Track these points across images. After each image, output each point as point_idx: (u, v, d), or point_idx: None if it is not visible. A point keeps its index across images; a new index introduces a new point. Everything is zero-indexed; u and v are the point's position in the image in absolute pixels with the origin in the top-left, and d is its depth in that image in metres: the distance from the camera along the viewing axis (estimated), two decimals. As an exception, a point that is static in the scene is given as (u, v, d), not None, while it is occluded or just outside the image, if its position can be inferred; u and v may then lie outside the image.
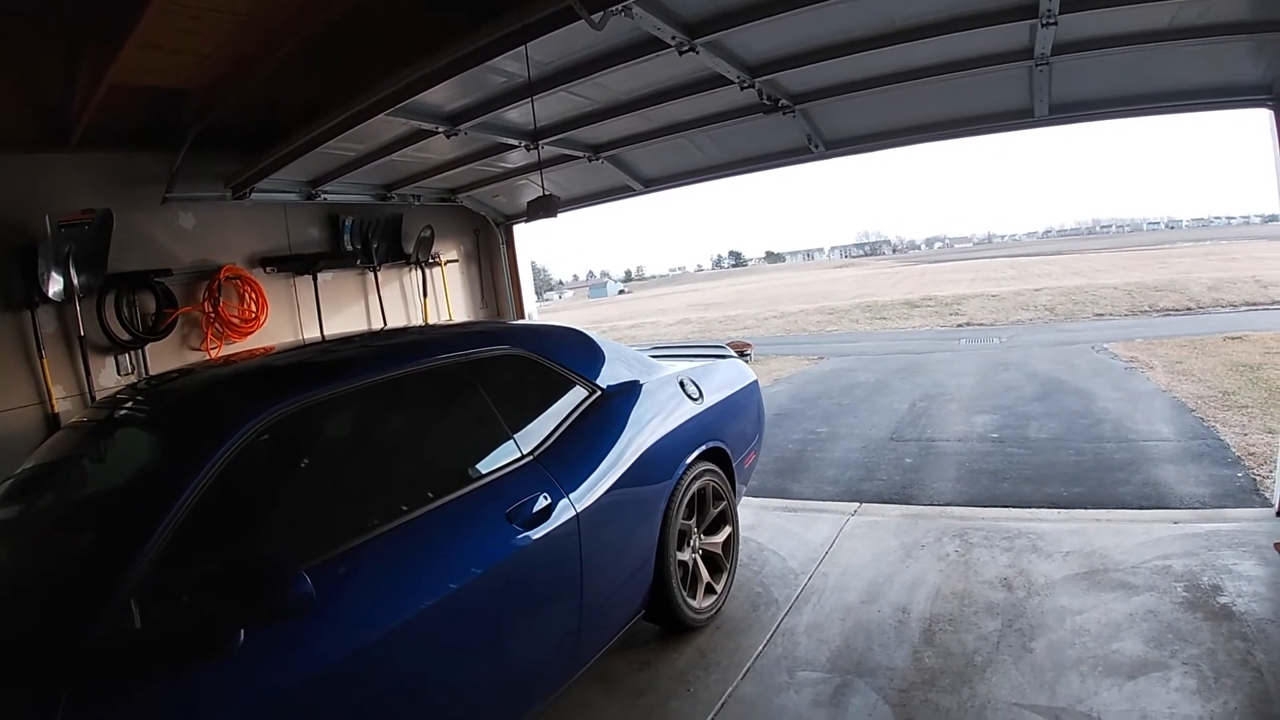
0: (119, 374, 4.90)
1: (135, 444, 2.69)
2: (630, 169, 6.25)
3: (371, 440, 2.87)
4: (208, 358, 5.22)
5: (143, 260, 5.02)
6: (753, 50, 4.00)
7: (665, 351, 5.14)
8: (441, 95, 4.15)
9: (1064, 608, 3.78)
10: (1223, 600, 3.66)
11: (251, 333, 5.58)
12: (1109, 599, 3.80)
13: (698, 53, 3.56)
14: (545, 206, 4.10)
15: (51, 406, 4.51)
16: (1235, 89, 4.33)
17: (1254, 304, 18.67)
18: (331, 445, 2.77)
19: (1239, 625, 3.43)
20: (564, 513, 2.98)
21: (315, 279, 6.10)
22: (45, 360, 4.49)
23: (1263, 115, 4.33)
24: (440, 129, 4.48)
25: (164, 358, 5.11)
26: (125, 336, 4.90)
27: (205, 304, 5.34)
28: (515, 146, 5.11)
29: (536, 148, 5.02)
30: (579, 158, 5.40)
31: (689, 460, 3.90)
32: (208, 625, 1.89)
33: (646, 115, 4.81)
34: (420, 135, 4.70)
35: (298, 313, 6.11)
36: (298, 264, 6.02)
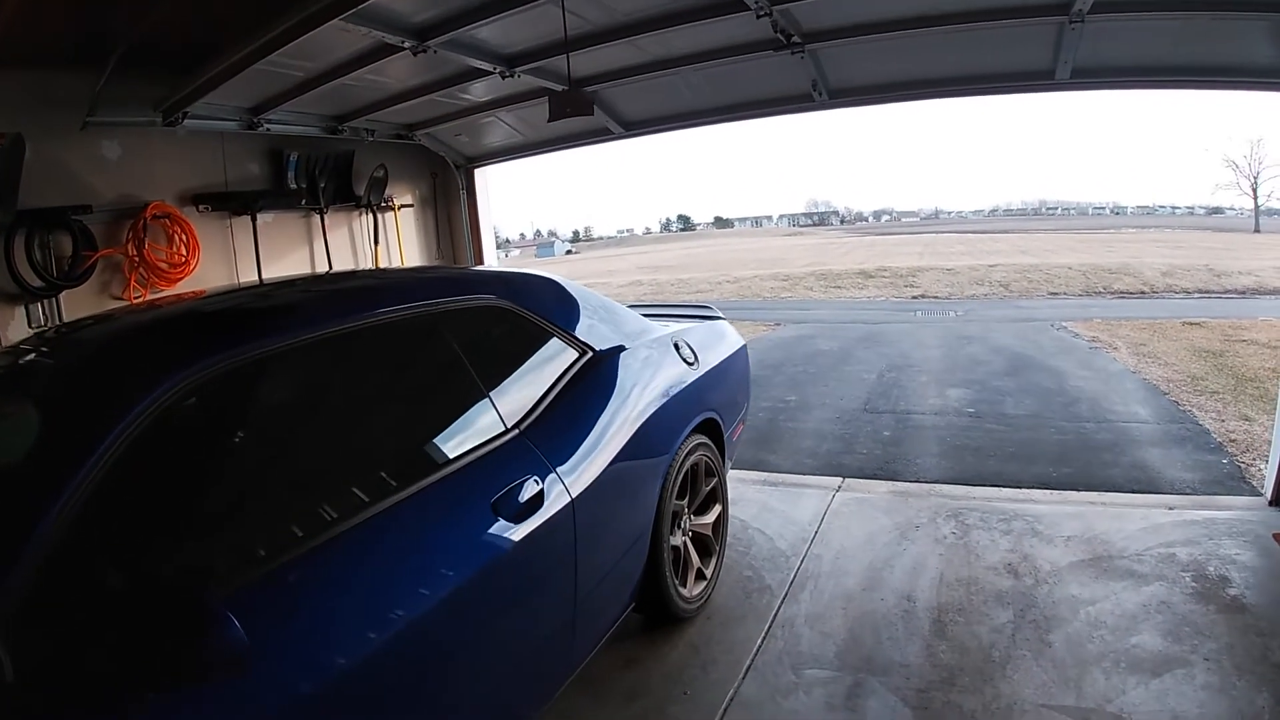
0: (29, 326, 4.28)
1: (21, 411, 2.00)
2: (611, 109, 5.75)
3: (325, 411, 2.29)
4: (129, 305, 4.59)
5: (59, 195, 4.36)
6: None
7: (649, 310, 4.69)
8: (409, 1, 3.63)
9: (1075, 597, 3.62)
10: (1232, 592, 3.59)
11: (181, 279, 4.96)
12: (1119, 588, 3.68)
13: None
14: (574, 102, 3.41)
15: (-49, 359, 3.87)
16: (1260, 70, 4.19)
17: (1208, 291, 19.25)
18: (273, 417, 2.17)
19: (1252, 619, 3.36)
20: (558, 499, 2.50)
21: (254, 220, 5.48)
22: (-58, 311, 3.87)
23: None
24: (405, 44, 3.90)
25: (82, 307, 4.44)
26: (38, 283, 4.28)
27: (129, 246, 4.70)
28: (488, 73, 4.55)
29: (512, 75, 4.48)
30: (559, 90, 4.89)
31: (686, 433, 3.49)
32: (98, 689, 1.39)
33: (641, 45, 4.35)
34: (381, 52, 4.11)
35: (234, 258, 5.50)
36: (235, 203, 5.39)
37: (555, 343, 3.01)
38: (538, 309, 3.01)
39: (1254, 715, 2.76)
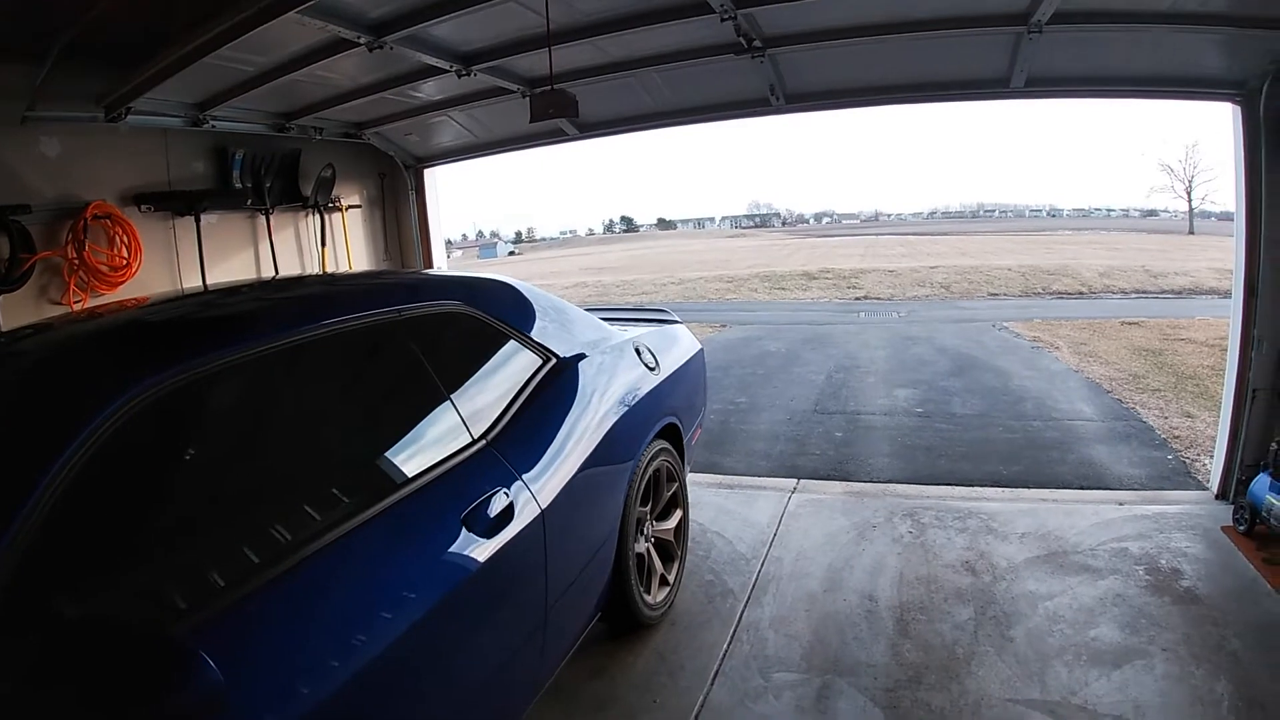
0: (-39, 333, 4.03)
1: None
2: (568, 111, 5.63)
3: (287, 427, 2.15)
4: (70, 312, 4.38)
5: (-4, 193, 4.14)
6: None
7: (605, 313, 4.64)
8: (368, -4, 3.52)
9: (1033, 593, 3.71)
10: (1185, 584, 3.71)
11: (122, 283, 4.73)
12: (1075, 583, 3.78)
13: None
14: (558, 103, 3.31)
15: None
16: (1206, 81, 4.35)
17: (1144, 291, 19.81)
18: (230, 436, 2.03)
19: (1206, 609, 3.47)
20: (528, 510, 2.44)
21: (198, 221, 5.24)
22: None
23: (1226, 110, 4.40)
24: (361, 39, 3.78)
25: (19, 312, 4.21)
26: (-27, 286, 4.04)
27: (69, 248, 4.46)
28: (445, 71, 4.44)
29: (469, 74, 4.39)
30: (512, 92, 4.79)
31: (650, 438, 3.46)
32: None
33: (601, 46, 4.29)
34: (335, 47, 3.98)
35: (177, 261, 5.27)
36: (178, 203, 5.16)
37: (519, 350, 2.94)
38: (501, 315, 2.94)
39: (1214, 702, 2.84)
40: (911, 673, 3.14)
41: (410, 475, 2.19)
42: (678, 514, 3.87)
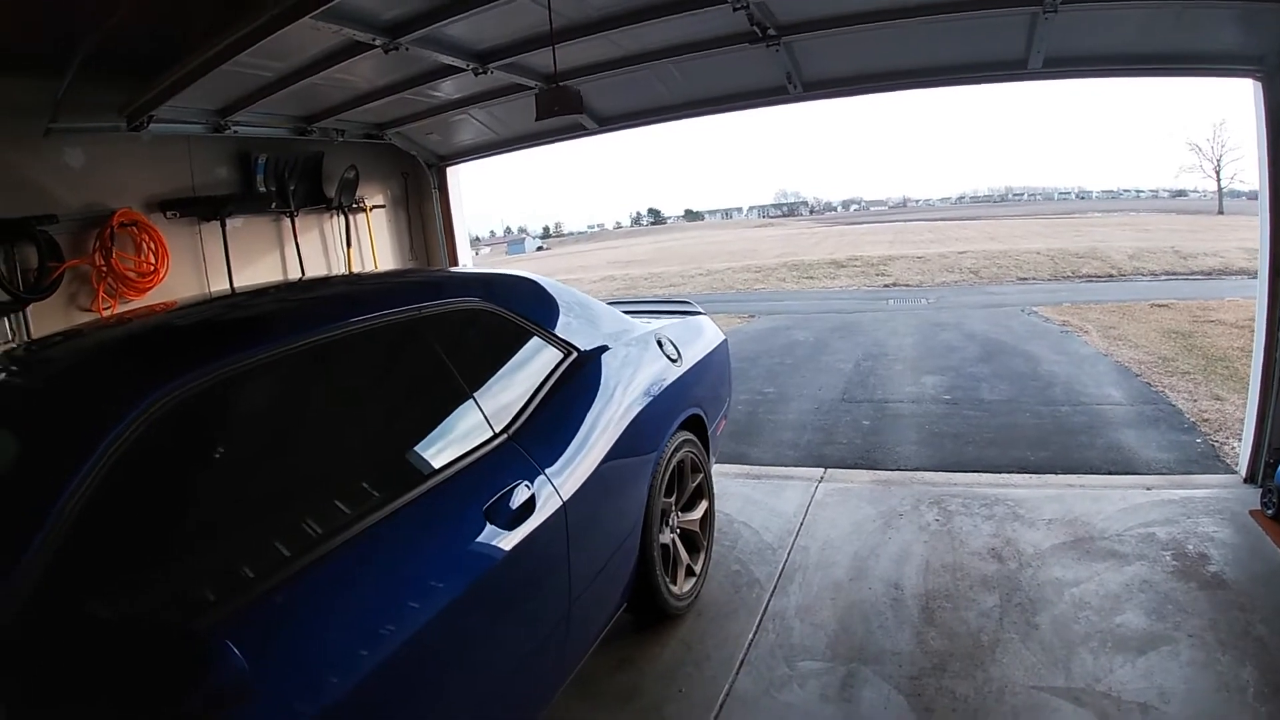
0: (-6, 342, 4.14)
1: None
2: (585, 104, 5.62)
3: (310, 424, 2.22)
4: (99, 318, 4.47)
5: (23, 205, 4.21)
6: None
7: (628, 307, 4.66)
8: (380, -2, 3.56)
9: (1059, 579, 3.67)
10: (1212, 569, 3.65)
11: (150, 288, 4.83)
12: (1101, 569, 3.73)
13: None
14: (562, 100, 3.29)
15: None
16: (1226, 57, 4.27)
17: (1174, 273, 19.45)
18: (256, 433, 2.09)
19: (1233, 594, 3.43)
20: (549, 503, 2.46)
21: (223, 225, 5.34)
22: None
23: (1246, 85, 4.31)
24: (377, 41, 3.81)
25: (49, 320, 4.31)
26: (3, 297, 4.13)
27: (97, 255, 4.56)
28: (461, 70, 4.47)
29: (485, 71, 4.41)
30: (530, 88, 4.81)
31: (673, 429, 3.47)
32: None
33: (615, 40, 4.29)
34: (352, 50, 4.01)
35: (204, 265, 5.36)
36: (203, 208, 5.25)
37: (540, 344, 2.97)
38: (521, 310, 2.97)
39: (1239, 688, 2.81)
40: (936, 660, 3.13)
41: (431, 470, 2.23)
42: (703, 505, 3.88)
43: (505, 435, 2.51)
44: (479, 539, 2.18)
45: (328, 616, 1.75)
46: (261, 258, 5.85)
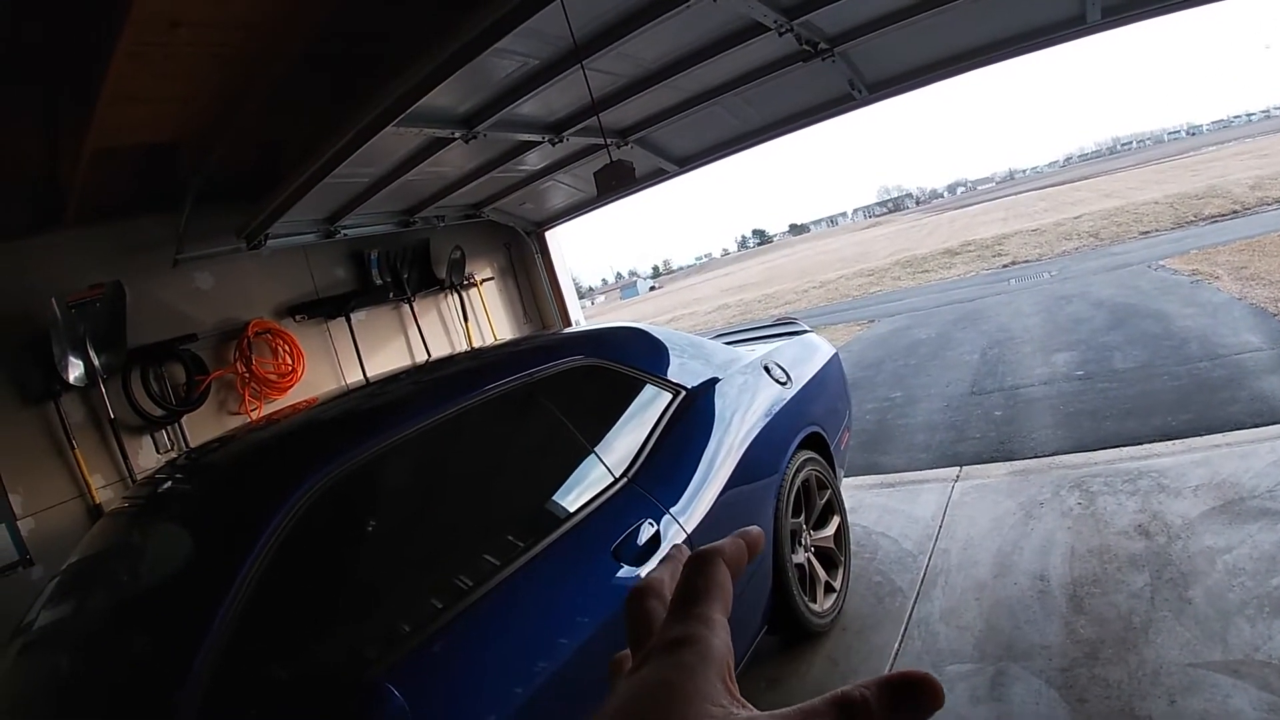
0: (158, 452, 4.61)
1: (176, 530, 2.29)
2: (662, 150, 5.86)
3: (444, 491, 2.47)
4: (249, 420, 4.90)
5: (163, 329, 4.74)
6: (789, -17, 3.60)
7: (734, 336, 4.75)
8: (451, 96, 3.81)
9: (1210, 548, 3.47)
10: None
11: (291, 387, 5.27)
12: (1254, 530, 3.51)
13: (732, -4, 3.15)
14: (619, 175, 3.47)
15: (92, 498, 4.24)
16: None
17: (1302, 196, 17.95)
18: (399, 503, 2.37)
19: None
20: (674, 537, 2.58)
21: (349, 320, 5.79)
22: (78, 450, 4.23)
23: None
24: (456, 134, 4.11)
25: (203, 427, 4.81)
26: (158, 412, 4.61)
27: (238, 364, 5.04)
28: (538, 143, 4.72)
29: (561, 140, 4.64)
30: (605, 146, 5.04)
31: (791, 451, 3.52)
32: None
33: (676, 85, 4.43)
34: (435, 146, 4.33)
35: (336, 359, 5.80)
36: (328, 308, 5.72)
37: (648, 388, 3.11)
38: (625, 359, 3.14)
39: None
40: (1087, 649, 3.04)
41: (558, 520, 2.41)
42: (835, 520, 3.90)
43: (625, 479, 2.66)
44: (610, 577, 2.32)
45: (476, 660, 1.93)
46: (387, 344, 6.25)
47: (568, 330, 5.03)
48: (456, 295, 6.81)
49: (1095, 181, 49.47)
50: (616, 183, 3.52)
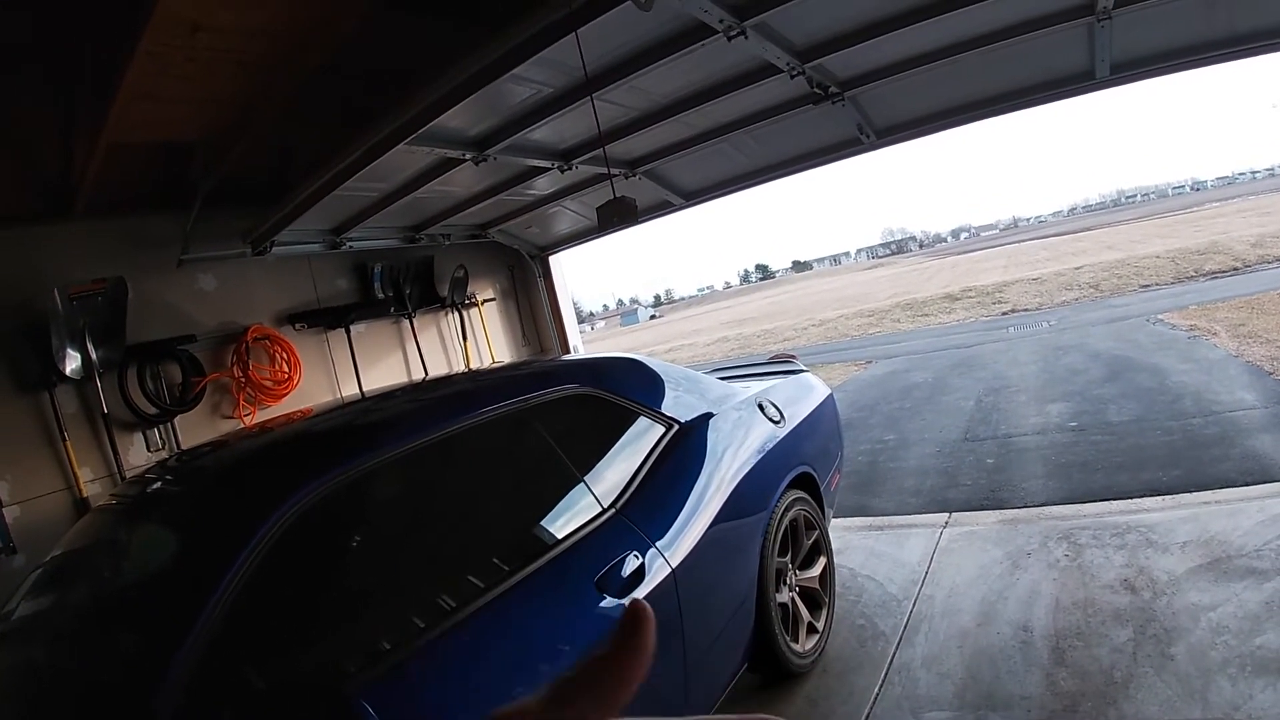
0: (149, 450, 4.61)
1: (163, 531, 2.30)
2: (669, 183, 5.91)
3: (433, 511, 2.47)
4: (241, 425, 4.90)
5: (163, 328, 4.75)
6: (804, 30, 3.64)
7: (730, 372, 4.77)
8: (464, 118, 3.84)
9: (1195, 605, 3.49)
10: None
11: (286, 394, 5.27)
12: (1239, 589, 3.53)
13: (746, 37, 3.19)
14: (620, 211, 3.52)
15: (79, 490, 4.23)
16: None
17: (1303, 256, 18.05)
18: (387, 520, 2.38)
19: None
20: (658, 571, 2.59)
21: (348, 332, 5.81)
22: (69, 442, 4.22)
23: None
24: (467, 156, 4.14)
25: (195, 429, 4.81)
26: (152, 410, 4.62)
27: (234, 368, 5.04)
28: (547, 169, 4.77)
29: (570, 168, 4.68)
30: (610, 177, 5.09)
31: (780, 490, 3.53)
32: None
33: (686, 120, 4.48)
34: (445, 166, 4.37)
35: (333, 369, 5.80)
36: (328, 318, 5.73)
37: (641, 420, 3.13)
38: (621, 390, 3.15)
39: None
40: (1067, 702, 3.03)
41: (543, 547, 2.41)
42: (822, 561, 3.90)
43: (613, 510, 2.67)
44: (592, 608, 2.32)
45: (455, 681, 1.94)
46: (385, 358, 6.25)
47: (565, 358, 5.06)
48: (457, 314, 6.83)
49: (1098, 233, 49.74)
50: (619, 219, 3.57)
